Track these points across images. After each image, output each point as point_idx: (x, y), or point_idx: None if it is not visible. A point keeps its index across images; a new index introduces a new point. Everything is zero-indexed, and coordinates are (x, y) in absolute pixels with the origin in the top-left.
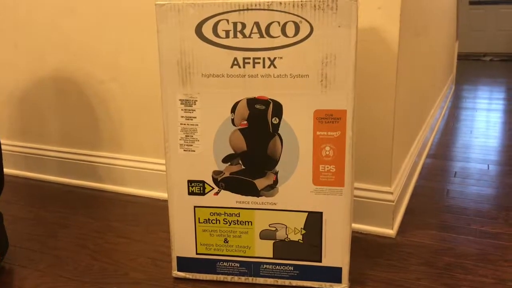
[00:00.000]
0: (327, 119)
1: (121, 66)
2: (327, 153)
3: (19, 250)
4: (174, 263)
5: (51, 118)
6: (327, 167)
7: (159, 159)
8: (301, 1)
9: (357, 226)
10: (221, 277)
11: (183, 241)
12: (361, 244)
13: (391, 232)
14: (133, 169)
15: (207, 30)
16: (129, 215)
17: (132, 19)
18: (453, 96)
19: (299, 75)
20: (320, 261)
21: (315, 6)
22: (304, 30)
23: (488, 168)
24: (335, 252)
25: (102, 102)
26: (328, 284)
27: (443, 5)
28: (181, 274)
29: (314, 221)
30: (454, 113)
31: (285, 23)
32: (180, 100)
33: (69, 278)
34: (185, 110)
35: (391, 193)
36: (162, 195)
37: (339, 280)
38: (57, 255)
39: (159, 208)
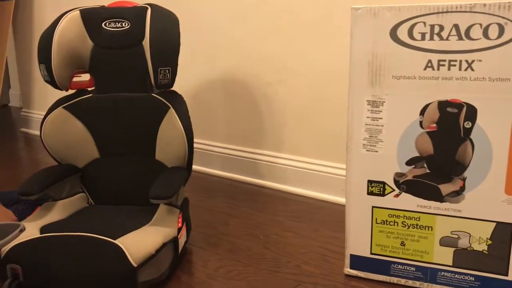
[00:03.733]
0: None
1: (289, 69)
2: None
3: (198, 234)
4: (347, 261)
5: (219, 117)
6: None
7: (318, 159)
8: (509, 2)
9: None
10: (394, 280)
11: (358, 240)
12: None
13: None
14: (293, 168)
15: (402, 32)
16: (291, 212)
17: (300, 25)
18: None
19: (500, 78)
20: (507, 275)
21: None
22: (509, 32)
23: None
24: None
25: (268, 104)
26: None
27: None
28: (354, 272)
29: (503, 232)
30: None
31: (488, 25)
32: (368, 101)
33: (246, 264)
34: (371, 111)
35: None
36: (320, 195)
37: None
38: (232, 241)
39: (319, 207)
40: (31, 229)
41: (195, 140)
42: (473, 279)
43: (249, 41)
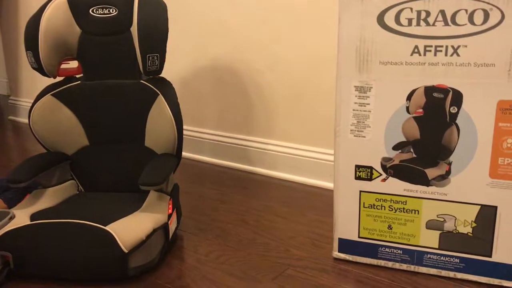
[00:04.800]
0: None
1: (279, 56)
2: (509, 145)
3: (189, 220)
4: (336, 244)
5: (209, 104)
6: (507, 160)
7: (308, 146)
8: None
9: None
10: (381, 262)
11: (346, 224)
12: None
13: None
14: (284, 155)
15: (389, 18)
16: (282, 197)
17: (290, 11)
18: None
19: (484, 64)
20: (490, 256)
21: None
22: (494, 18)
23: None
24: (509, 248)
25: (258, 90)
26: (497, 280)
27: None
28: (342, 255)
29: (487, 215)
30: None
31: (473, 11)
32: (355, 86)
33: (236, 248)
34: (359, 96)
35: None
36: (309, 180)
37: (509, 278)
38: (222, 227)
39: (308, 193)
40: (21, 217)
41: (185, 127)
42: (458, 261)
43: (239, 27)
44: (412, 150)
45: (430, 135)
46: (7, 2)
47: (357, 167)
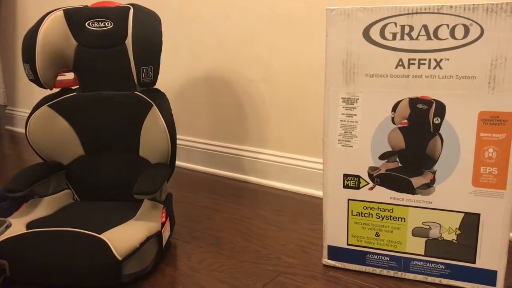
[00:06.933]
0: (493, 121)
1: (271, 66)
2: (490, 155)
3: (182, 228)
4: (325, 251)
5: (202, 114)
6: (489, 169)
7: (299, 155)
8: (473, 4)
9: None
10: (370, 269)
11: (335, 231)
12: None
13: None
14: (275, 164)
15: (374, 32)
16: (273, 205)
17: (282, 23)
18: None
19: (466, 76)
20: (474, 263)
21: (487, 9)
22: (474, 32)
23: None
24: (492, 254)
25: (251, 100)
26: (481, 286)
27: None
28: (331, 262)
29: (471, 222)
30: None
31: (454, 26)
32: (342, 98)
33: (228, 256)
34: (346, 107)
35: None
36: (301, 189)
37: (493, 283)
38: (215, 235)
39: (299, 201)
40: (17, 225)
41: (178, 136)
42: (443, 267)
43: (232, 39)
44: (398, 159)
45: (414, 145)
46: (5, 14)
47: (345, 176)
